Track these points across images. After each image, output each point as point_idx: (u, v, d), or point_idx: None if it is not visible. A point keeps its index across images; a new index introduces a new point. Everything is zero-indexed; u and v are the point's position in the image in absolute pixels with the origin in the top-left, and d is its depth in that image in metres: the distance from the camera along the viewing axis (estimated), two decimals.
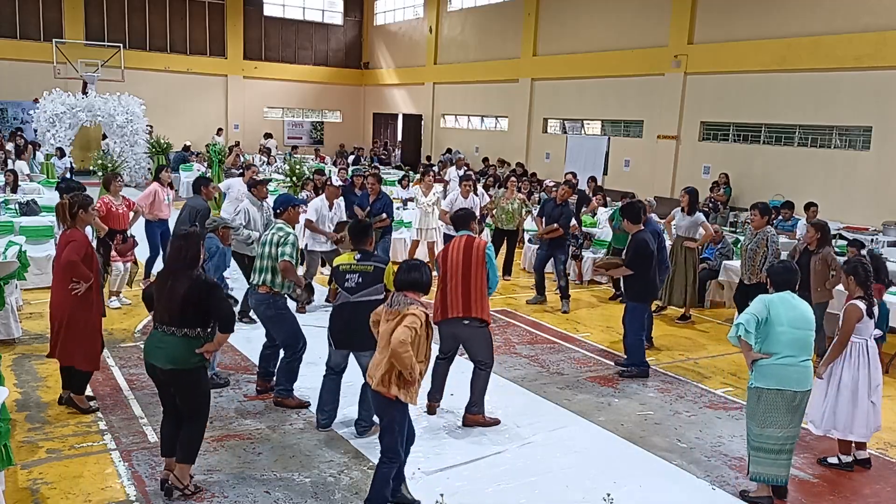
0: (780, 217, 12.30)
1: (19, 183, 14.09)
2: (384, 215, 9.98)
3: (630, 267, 7.32)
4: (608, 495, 4.87)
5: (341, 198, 10.00)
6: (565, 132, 22.31)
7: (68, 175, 17.54)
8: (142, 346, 6.33)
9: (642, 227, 7.43)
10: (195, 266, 4.68)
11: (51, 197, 13.58)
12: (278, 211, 6.47)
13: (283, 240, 6.18)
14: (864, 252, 8.44)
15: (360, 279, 5.49)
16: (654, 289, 7.71)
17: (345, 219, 9.66)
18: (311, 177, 13.05)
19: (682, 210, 9.60)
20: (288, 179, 14.84)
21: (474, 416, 6.03)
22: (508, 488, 5.02)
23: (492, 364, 6.09)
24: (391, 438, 4.44)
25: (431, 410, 6.19)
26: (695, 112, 17.79)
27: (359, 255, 5.57)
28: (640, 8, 19.08)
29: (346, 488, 4.92)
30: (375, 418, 5.39)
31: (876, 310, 5.66)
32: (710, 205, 15.28)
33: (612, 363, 7.76)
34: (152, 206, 9.81)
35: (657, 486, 5.18)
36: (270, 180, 13.02)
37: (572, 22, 21.26)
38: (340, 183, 11.30)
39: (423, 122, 28.54)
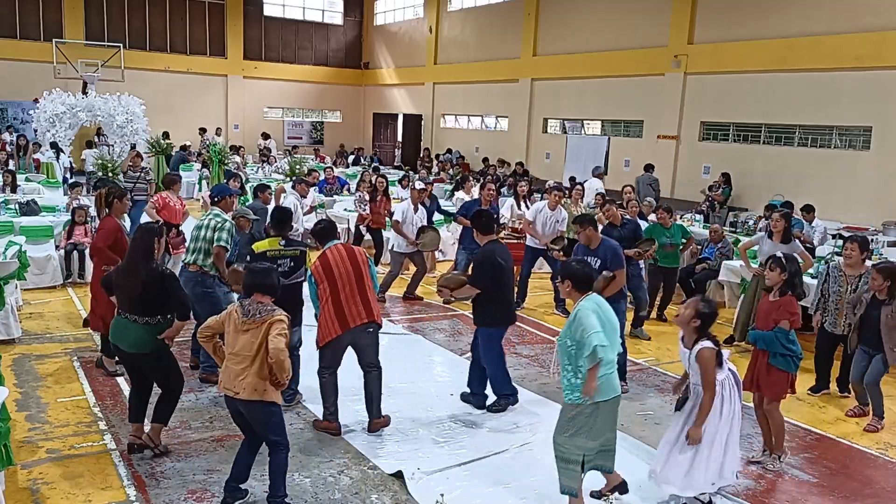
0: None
1: (18, 183, 14.08)
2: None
3: (475, 284, 6.14)
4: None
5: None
6: (565, 132, 22.30)
7: (67, 175, 17.54)
8: None
9: (494, 239, 6.39)
10: (150, 258, 5.15)
11: (51, 197, 13.60)
12: (216, 199, 6.88)
13: (220, 225, 6.54)
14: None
15: (292, 263, 6.07)
16: (510, 311, 6.45)
17: (425, 223, 10.06)
18: (371, 179, 12.31)
19: (771, 236, 7.90)
20: (287, 179, 14.86)
21: (381, 419, 5.85)
22: (508, 488, 5.02)
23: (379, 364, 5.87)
24: (282, 431, 4.60)
25: (338, 431, 5.76)
26: (695, 112, 17.79)
27: (283, 241, 6.10)
28: (640, 8, 19.08)
29: (346, 488, 4.93)
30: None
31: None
32: (708, 203, 15.31)
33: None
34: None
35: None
36: (312, 182, 12.71)
37: (572, 22, 21.26)
38: (423, 187, 11.19)
39: (423, 122, 28.54)
